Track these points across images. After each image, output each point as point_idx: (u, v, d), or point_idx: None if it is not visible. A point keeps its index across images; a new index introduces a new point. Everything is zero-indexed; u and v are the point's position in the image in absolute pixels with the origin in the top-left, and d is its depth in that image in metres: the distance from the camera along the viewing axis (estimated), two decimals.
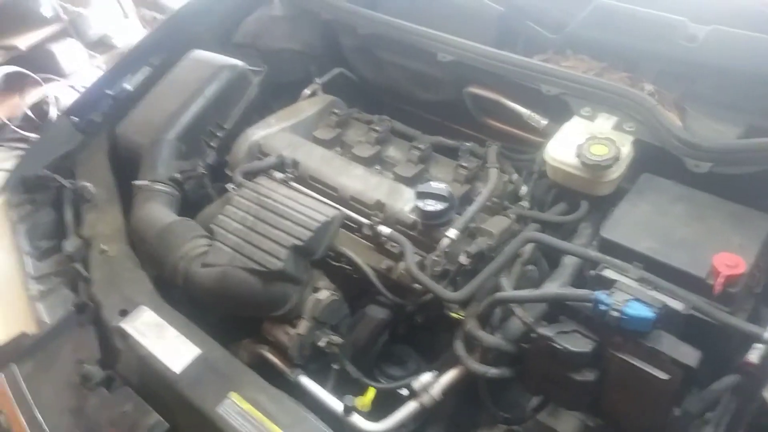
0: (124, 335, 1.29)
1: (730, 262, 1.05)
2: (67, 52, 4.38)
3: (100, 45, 4.66)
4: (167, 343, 1.27)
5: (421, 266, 1.30)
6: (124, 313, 1.34)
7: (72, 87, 4.08)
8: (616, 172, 1.27)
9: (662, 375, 1.02)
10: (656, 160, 1.30)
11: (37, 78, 4.14)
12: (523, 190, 1.48)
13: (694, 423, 1.10)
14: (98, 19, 4.53)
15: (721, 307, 1.07)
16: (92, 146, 1.77)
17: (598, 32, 1.43)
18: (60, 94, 4.06)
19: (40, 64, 4.23)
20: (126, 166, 1.69)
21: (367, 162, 1.61)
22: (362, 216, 1.44)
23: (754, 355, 1.02)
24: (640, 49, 1.38)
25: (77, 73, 4.43)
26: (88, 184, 1.63)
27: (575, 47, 1.47)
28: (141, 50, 1.92)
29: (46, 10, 4.20)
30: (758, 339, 1.00)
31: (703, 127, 1.27)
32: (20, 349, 1.32)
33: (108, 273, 1.45)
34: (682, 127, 1.27)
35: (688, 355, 1.01)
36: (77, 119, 1.78)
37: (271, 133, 1.68)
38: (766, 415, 1.00)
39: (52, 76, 4.26)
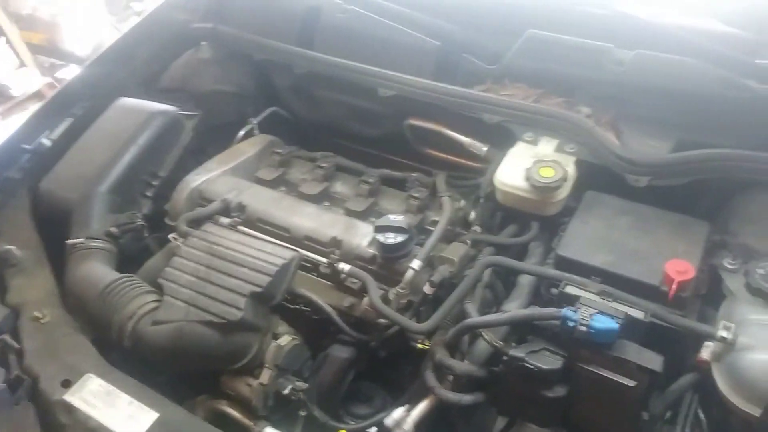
0: (70, 409, 1.18)
1: (680, 269, 1.12)
2: None
3: None
4: (119, 411, 1.18)
5: (385, 300, 1.29)
6: (67, 384, 1.22)
7: None
8: (564, 192, 1.33)
9: (629, 382, 1.06)
10: (597, 178, 1.37)
11: None
12: (473, 215, 1.51)
13: (660, 425, 1.15)
14: None
15: (676, 311, 1.14)
16: (12, 206, 1.62)
17: (533, 61, 1.50)
18: None
19: None
20: (53, 225, 1.56)
21: (316, 199, 1.60)
22: (318, 254, 1.41)
23: (705, 353, 1.09)
24: (574, 74, 1.46)
25: None
26: (11, 247, 1.49)
27: (512, 76, 1.54)
28: (60, 100, 1.80)
29: None
30: (712, 337, 1.06)
31: (638, 144, 1.36)
32: None
33: (44, 341, 1.32)
34: (619, 145, 1.35)
35: (652, 360, 1.06)
36: None
37: (211, 177, 1.62)
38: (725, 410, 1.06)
39: None
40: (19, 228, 1.58)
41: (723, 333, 1.05)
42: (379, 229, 1.32)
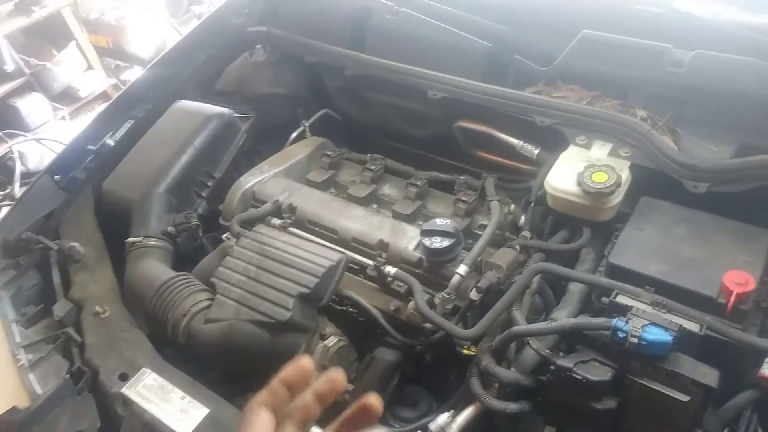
0: (127, 401, 1.23)
1: (740, 280, 1.07)
2: (31, 106, 4.32)
3: (65, 97, 4.62)
4: (173, 406, 1.22)
5: (431, 304, 1.29)
6: (124, 378, 1.28)
7: (38, 141, 4.00)
8: (617, 198, 1.29)
9: (683, 397, 1.02)
10: (653, 183, 1.32)
11: (0, 134, 4.05)
12: (523, 219, 1.49)
13: None
14: (62, 71, 4.49)
15: (734, 324, 1.08)
16: (77, 204, 1.71)
17: (587, 62, 1.46)
18: (25, 150, 3.97)
19: (3, 119, 4.16)
20: (114, 223, 1.64)
21: (364, 202, 1.61)
22: (365, 257, 1.42)
23: (767, 369, 1.03)
24: (629, 76, 1.41)
25: (42, 127, 4.36)
26: (75, 244, 1.57)
27: (565, 78, 1.50)
28: (122, 102, 1.89)
29: (8, 65, 4.14)
30: None
31: (697, 148, 1.30)
32: (12, 425, 1.23)
33: (104, 336, 1.38)
34: (677, 149, 1.30)
35: (707, 375, 1.02)
36: (59, 177, 1.73)
37: (264, 179, 1.66)
38: None
39: (16, 132, 4.18)
40: (83, 226, 1.66)
41: None
42: (426, 233, 1.31)
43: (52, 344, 1.42)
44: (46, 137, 4.07)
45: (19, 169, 3.83)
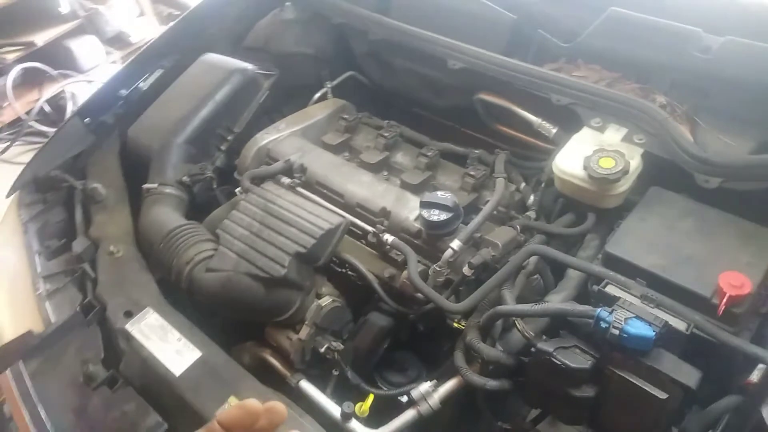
0: (128, 337, 1.30)
1: (735, 282, 1.03)
2: (84, 48, 4.44)
3: (116, 41, 4.72)
4: (169, 345, 1.28)
5: (424, 276, 1.30)
6: (129, 315, 1.35)
7: (89, 82, 4.13)
8: (624, 186, 1.25)
9: (661, 394, 1.00)
10: (665, 174, 1.28)
11: (54, 74, 4.20)
12: (531, 199, 1.47)
13: None
14: (115, 16, 4.58)
15: (725, 327, 1.06)
16: (103, 148, 1.78)
17: (611, 42, 1.40)
18: (77, 90, 4.12)
19: (57, 60, 4.29)
20: (136, 169, 1.70)
21: (375, 168, 1.61)
22: (368, 223, 1.43)
23: (756, 376, 1.01)
24: (653, 59, 1.35)
25: (94, 69, 4.49)
26: (98, 186, 1.64)
27: (587, 57, 1.45)
28: (153, 52, 1.93)
29: (64, 7, 4.26)
30: (761, 360, 0.98)
31: (715, 141, 1.24)
32: (26, 348, 1.33)
33: (115, 274, 1.45)
34: (693, 140, 1.24)
35: (688, 374, 1.00)
36: (89, 120, 1.80)
37: (280, 137, 1.68)
38: None
39: (69, 72, 4.32)
40: (107, 169, 1.73)
41: None
42: (425, 205, 1.31)
43: (69, 277, 1.50)
44: (97, 79, 4.20)
45: (70, 108, 3.98)
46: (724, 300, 1.03)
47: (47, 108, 4.11)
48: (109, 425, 1.21)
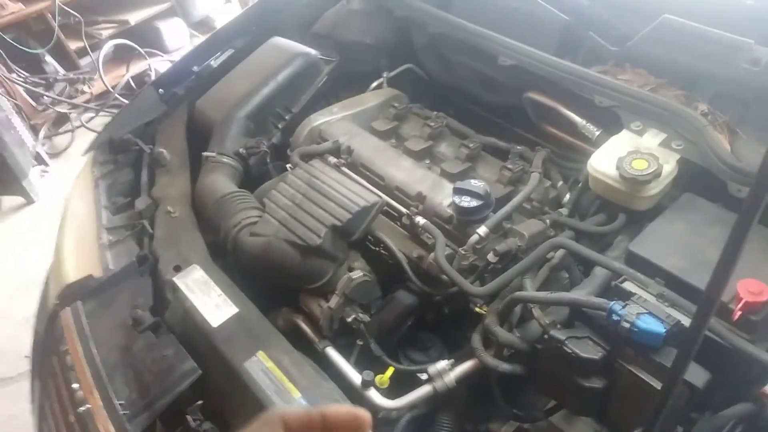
0: (175, 288, 1.42)
1: (753, 289, 1.03)
2: (172, 30, 4.73)
3: (202, 25, 4.99)
4: (210, 300, 1.38)
5: (451, 259, 1.35)
6: (177, 269, 1.46)
7: (172, 62, 4.40)
8: (655, 189, 1.26)
9: None
10: (701, 181, 1.28)
11: (143, 51, 4.49)
12: (567, 197, 1.49)
13: None
14: (203, 1, 4.85)
15: (741, 333, 1.06)
16: (173, 117, 1.93)
17: (660, 48, 1.41)
18: (161, 68, 4.39)
19: (146, 39, 4.59)
20: (200, 137, 1.83)
21: (418, 156, 1.67)
22: (404, 206, 1.50)
23: None
24: (700, 68, 1.35)
25: (179, 50, 4.76)
26: (164, 151, 1.78)
27: (635, 61, 1.45)
28: (226, 33, 2.07)
29: None
30: None
31: (753, 152, 1.23)
32: (85, 289, 1.46)
33: (169, 232, 1.58)
34: (730, 150, 1.24)
35: (696, 375, 1.01)
36: (162, 91, 1.95)
37: (332, 120, 1.77)
38: None
39: (155, 51, 4.61)
40: (174, 137, 1.87)
41: None
42: (457, 191, 1.36)
43: (130, 231, 1.64)
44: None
45: None
46: (740, 305, 1.03)
47: (132, 83, 4.41)
48: (150, 366, 1.32)
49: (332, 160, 1.62)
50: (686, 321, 1.05)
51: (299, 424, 0.53)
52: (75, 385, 1.29)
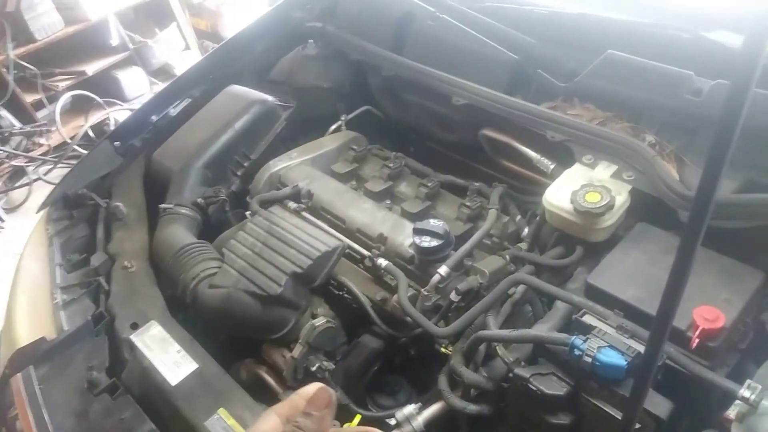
0: (132, 347, 1.38)
1: (709, 316, 1.04)
2: (131, 79, 4.71)
3: (161, 72, 4.99)
4: (169, 357, 1.35)
5: (414, 300, 1.34)
6: (135, 326, 1.42)
7: (131, 111, 4.38)
8: (609, 220, 1.28)
9: None
10: (653, 210, 1.30)
11: (101, 101, 4.45)
12: (525, 231, 1.50)
13: None
14: (162, 49, 4.85)
15: (700, 360, 1.06)
16: (130, 169, 1.90)
17: (606, 82, 1.45)
18: (120, 117, 4.36)
19: (105, 88, 4.57)
20: (158, 189, 1.80)
21: (378, 196, 1.67)
22: (366, 248, 1.49)
23: (733, 412, 1.01)
24: (646, 100, 1.39)
25: (138, 98, 4.74)
26: (120, 204, 1.75)
27: (583, 96, 1.49)
28: (184, 81, 2.06)
29: (114, 40, 4.54)
30: (733, 395, 0.98)
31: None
32: (38, 353, 1.40)
33: (127, 287, 1.54)
34: (679, 178, 1.27)
35: (659, 405, 1.01)
36: (119, 144, 1.92)
37: (291, 165, 1.77)
38: None
39: (115, 101, 4.58)
40: (130, 189, 1.85)
41: (746, 393, 0.96)
42: (417, 232, 1.36)
43: (85, 289, 1.59)
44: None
45: None
46: (697, 333, 1.04)
47: (91, 133, 4.36)
48: (107, 431, 1.28)
49: (292, 205, 1.62)
50: None
51: (289, 410, 0.65)
52: None
